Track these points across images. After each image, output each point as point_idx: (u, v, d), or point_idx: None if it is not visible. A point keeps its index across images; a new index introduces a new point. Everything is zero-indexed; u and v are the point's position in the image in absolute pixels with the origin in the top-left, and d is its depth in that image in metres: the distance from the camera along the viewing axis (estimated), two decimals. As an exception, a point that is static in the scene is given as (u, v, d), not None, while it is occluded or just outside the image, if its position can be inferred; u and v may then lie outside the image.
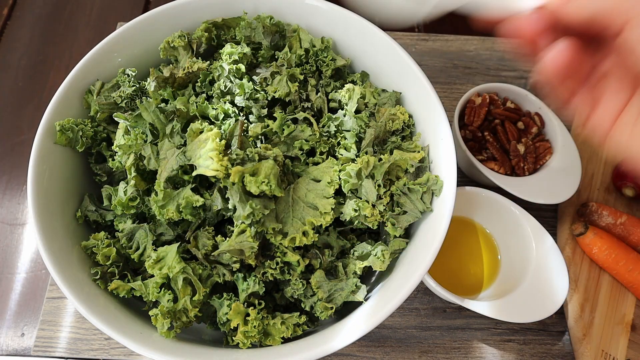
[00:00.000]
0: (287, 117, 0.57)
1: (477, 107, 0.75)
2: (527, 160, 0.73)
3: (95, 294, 0.51)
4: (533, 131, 0.74)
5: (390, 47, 0.62)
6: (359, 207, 0.52)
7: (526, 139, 0.74)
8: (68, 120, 0.57)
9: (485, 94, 0.76)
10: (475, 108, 0.75)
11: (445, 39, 0.92)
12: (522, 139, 0.74)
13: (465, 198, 0.69)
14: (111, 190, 0.57)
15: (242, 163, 0.49)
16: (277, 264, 0.52)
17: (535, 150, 0.73)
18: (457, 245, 0.71)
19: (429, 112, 0.58)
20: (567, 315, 0.67)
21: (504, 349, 0.66)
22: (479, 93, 0.76)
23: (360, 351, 0.65)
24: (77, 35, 0.94)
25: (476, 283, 0.69)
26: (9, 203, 0.77)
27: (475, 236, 0.72)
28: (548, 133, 0.75)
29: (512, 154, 0.73)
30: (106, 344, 0.65)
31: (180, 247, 0.51)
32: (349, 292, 0.53)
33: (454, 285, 0.65)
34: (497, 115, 0.75)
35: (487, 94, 0.76)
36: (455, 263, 0.70)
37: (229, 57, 0.59)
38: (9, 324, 0.68)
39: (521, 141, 0.74)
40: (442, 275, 0.66)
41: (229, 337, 0.52)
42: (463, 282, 0.69)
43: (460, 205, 0.70)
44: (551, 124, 0.74)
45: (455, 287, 0.65)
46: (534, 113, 0.76)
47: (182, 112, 0.54)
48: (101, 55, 0.61)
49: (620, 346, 0.64)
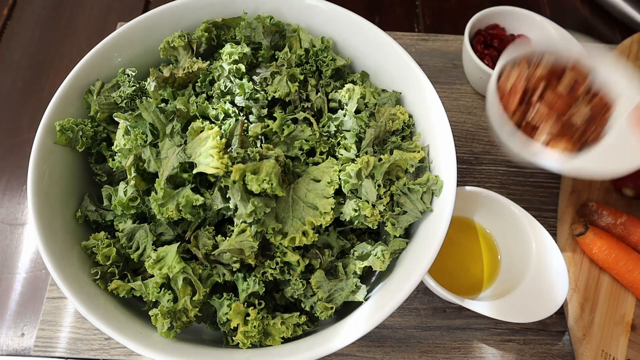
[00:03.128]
0: (287, 117, 0.57)
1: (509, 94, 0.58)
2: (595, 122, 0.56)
3: (95, 294, 0.51)
4: (583, 88, 0.57)
5: (390, 47, 0.62)
6: (359, 207, 0.52)
7: (582, 99, 0.57)
8: (68, 120, 0.57)
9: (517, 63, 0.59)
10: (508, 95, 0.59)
11: (445, 39, 0.92)
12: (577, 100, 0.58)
13: (465, 198, 0.69)
14: (111, 190, 0.57)
15: (243, 162, 0.49)
16: (277, 264, 0.52)
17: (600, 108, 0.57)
18: (457, 245, 0.71)
19: (429, 112, 0.58)
20: (567, 315, 0.67)
21: (504, 349, 0.66)
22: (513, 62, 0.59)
23: (360, 351, 0.65)
24: (77, 35, 0.94)
25: (476, 283, 0.69)
26: (9, 203, 0.77)
27: (475, 236, 0.72)
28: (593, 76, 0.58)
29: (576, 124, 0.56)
30: (106, 344, 0.65)
31: (180, 247, 0.51)
32: (349, 292, 0.53)
33: (454, 286, 0.65)
34: (537, 81, 0.58)
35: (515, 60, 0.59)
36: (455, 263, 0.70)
37: (229, 57, 0.59)
38: (9, 324, 0.68)
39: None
40: (442, 276, 0.65)
41: (229, 337, 0.52)
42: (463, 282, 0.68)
43: (460, 205, 0.70)
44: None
45: (455, 287, 0.65)
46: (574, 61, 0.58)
47: (182, 112, 0.54)
48: (101, 55, 0.61)
49: (620, 346, 0.64)
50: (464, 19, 0.85)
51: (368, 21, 0.63)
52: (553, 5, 1.02)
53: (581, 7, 1.01)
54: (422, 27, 0.97)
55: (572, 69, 0.59)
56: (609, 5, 0.98)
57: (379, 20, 0.98)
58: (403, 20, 0.98)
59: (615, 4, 0.97)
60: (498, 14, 0.85)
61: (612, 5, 0.97)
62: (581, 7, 1.01)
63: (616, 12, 0.97)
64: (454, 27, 0.96)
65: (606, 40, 0.96)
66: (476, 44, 0.83)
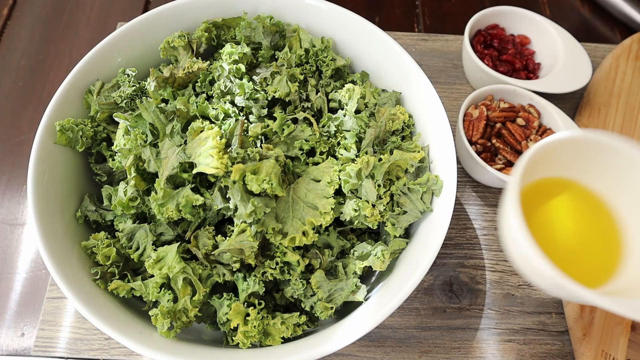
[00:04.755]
0: (287, 117, 0.57)
1: (475, 121, 0.74)
2: None
3: (95, 294, 0.51)
4: (535, 125, 0.73)
5: (390, 47, 0.62)
6: (359, 207, 0.52)
7: (533, 135, 0.73)
8: (68, 120, 0.57)
9: (480, 104, 0.75)
10: (474, 121, 0.74)
11: (445, 39, 0.92)
12: (529, 136, 0.73)
13: (575, 151, 0.49)
14: (111, 190, 0.57)
15: (243, 162, 0.49)
16: (277, 264, 0.52)
17: None
18: (564, 222, 0.52)
19: (429, 112, 0.58)
20: (567, 315, 0.67)
21: (504, 349, 0.66)
22: (475, 105, 0.76)
23: (360, 351, 0.65)
24: (77, 35, 0.94)
25: (594, 272, 0.51)
26: (9, 203, 0.77)
27: (586, 208, 0.53)
28: (548, 122, 0.74)
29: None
30: (106, 344, 0.64)
31: (180, 247, 0.51)
32: (349, 292, 0.53)
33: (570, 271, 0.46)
34: (495, 119, 0.74)
35: (481, 102, 0.76)
36: (572, 240, 0.51)
37: (229, 57, 0.59)
38: (9, 324, 0.68)
39: (530, 138, 0.73)
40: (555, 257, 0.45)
41: (229, 337, 0.52)
42: (581, 267, 0.51)
43: (567, 162, 0.51)
44: (547, 112, 0.74)
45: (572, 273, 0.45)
46: (528, 105, 0.75)
47: (182, 112, 0.54)
48: (101, 55, 0.61)
49: (620, 346, 0.64)
50: (464, 19, 0.85)
51: (368, 21, 0.63)
52: (553, 5, 1.01)
53: (581, 7, 1.01)
54: (422, 27, 0.97)
55: (528, 107, 0.75)
56: (609, 5, 0.98)
57: (379, 20, 0.98)
58: (403, 20, 0.98)
59: (615, 4, 0.97)
60: (498, 14, 0.85)
61: (612, 5, 0.97)
62: (581, 7, 1.01)
63: (616, 12, 0.97)
64: (454, 27, 0.96)
65: (606, 40, 0.96)
66: (476, 44, 0.83)
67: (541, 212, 0.53)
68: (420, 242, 0.54)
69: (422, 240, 0.54)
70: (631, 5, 0.95)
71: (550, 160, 0.51)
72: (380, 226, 0.58)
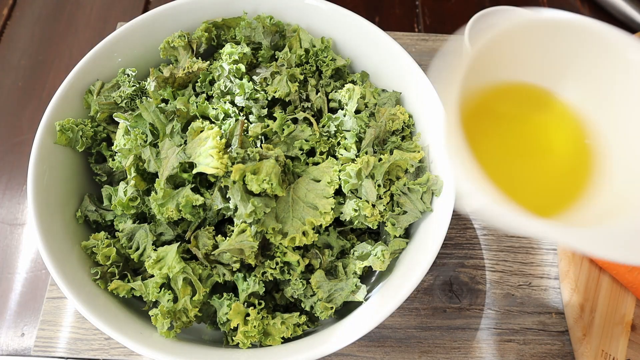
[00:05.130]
0: (287, 117, 0.57)
1: None
2: None
3: (95, 294, 0.51)
4: None
5: (390, 47, 0.62)
6: (359, 207, 0.52)
7: None
8: (68, 120, 0.57)
9: None
10: None
11: (445, 39, 0.92)
12: None
13: (538, 40, 0.37)
14: (111, 190, 0.57)
15: (243, 162, 0.49)
16: (277, 264, 0.52)
17: None
18: (523, 135, 0.43)
19: (429, 112, 0.58)
20: (567, 315, 0.67)
21: (504, 349, 0.66)
22: None
23: (360, 351, 0.65)
24: (77, 35, 0.94)
25: (556, 197, 0.42)
26: (9, 203, 0.77)
27: (555, 119, 0.43)
28: None
29: None
30: (106, 344, 0.64)
31: (180, 247, 0.51)
32: (349, 292, 0.53)
33: (519, 198, 0.37)
34: None
35: None
36: (521, 164, 0.43)
37: (229, 57, 0.59)
38: (9, 324, 0.68)
39: None
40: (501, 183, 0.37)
41: (229, 337, 0.52)
42: (533, 195, 0.42)
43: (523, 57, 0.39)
44: None
45: (521, 200, 0.37)
46: None
47: (182, 112, 0.54)
48: (101, 55, 0.61)
49: (620, 346, 0.64)
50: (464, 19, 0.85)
51: (368, 21, 0.63)
52: (553, 5, 1.01)
53: (581, 7, 1.01)
54: (422, 27, 0.97)
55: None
56: (609, 5, 0.98)
57: (379, 20, 0.98)
58: (403, 20, 0.98)
59: (615, 4, 0.97)
60: (498, 14, 0.84)
61: (612, 5, 0.97)
62: (581, 7, 1.01)
63: (616, 12, 0.97)
64: (454, 27, 0.96)
65: (606, 40, 0.96)
66: (476, 44, 0.83)
67: (496, 125, 0.42)
68: (420, 242, 0.54)
69: (422, 240, 0.54)
70: (631, 5, 0.95)
71: (508, 56, 0.39)
72: (380, 226, 0.58)
